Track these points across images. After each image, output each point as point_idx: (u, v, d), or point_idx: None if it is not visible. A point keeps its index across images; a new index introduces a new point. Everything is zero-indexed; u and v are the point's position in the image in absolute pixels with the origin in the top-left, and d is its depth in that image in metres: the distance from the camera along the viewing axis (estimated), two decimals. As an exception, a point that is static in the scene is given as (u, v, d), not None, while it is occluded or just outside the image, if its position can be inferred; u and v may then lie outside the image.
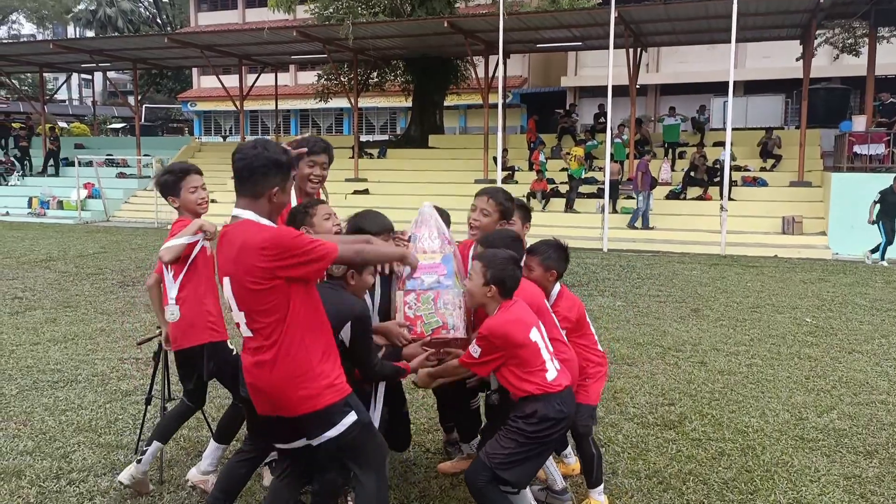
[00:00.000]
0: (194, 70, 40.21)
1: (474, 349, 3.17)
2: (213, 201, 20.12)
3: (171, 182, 3.84)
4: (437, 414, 4.46)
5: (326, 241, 2.75)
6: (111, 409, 5.18)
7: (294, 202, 3.50)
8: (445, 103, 27.47)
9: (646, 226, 17.13)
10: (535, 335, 3.13)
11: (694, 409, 5.26)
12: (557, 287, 3.68)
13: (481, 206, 3.68)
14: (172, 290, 3.72)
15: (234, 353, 3.76)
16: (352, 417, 2.78)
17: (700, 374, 6.19)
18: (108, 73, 32.44)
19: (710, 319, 8.43)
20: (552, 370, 3.15)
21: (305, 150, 3.59)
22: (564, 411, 3.13)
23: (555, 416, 3.09)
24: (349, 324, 2.99)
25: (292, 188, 3.07)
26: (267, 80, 29.15)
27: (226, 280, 2.75)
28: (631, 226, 17.22)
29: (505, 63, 19.10)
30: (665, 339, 7.41)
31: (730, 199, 16.15)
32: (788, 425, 4.94)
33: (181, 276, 3.73)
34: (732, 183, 17.35)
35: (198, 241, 3.74)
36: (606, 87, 17.12)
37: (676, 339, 7.45)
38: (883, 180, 15.98)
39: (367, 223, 3.41)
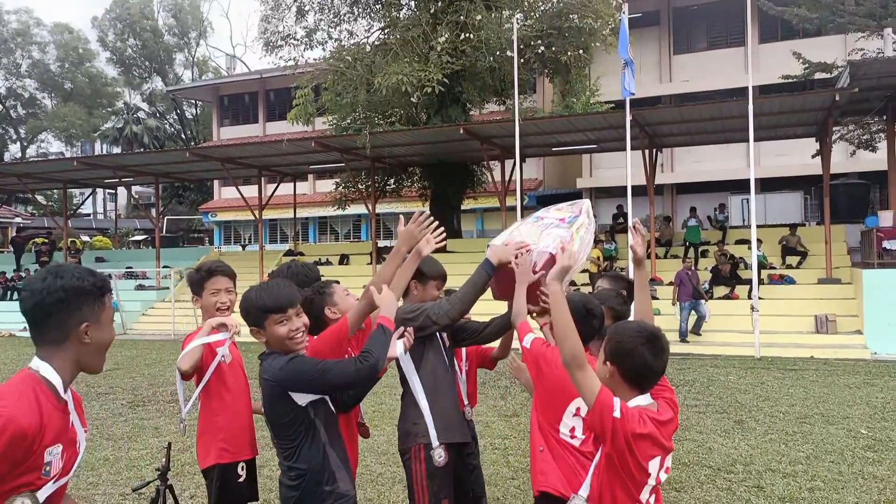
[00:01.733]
0: (215, 181, 41.13)
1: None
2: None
3: (197, 281, 3.70)
4: None
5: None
6: (107, 557, 4.67)
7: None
8: (462, 207, 27.60)
9: (682, 338, 16.01)
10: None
11: (759, 547, 4.66)
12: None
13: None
14: (185, 403, 3.50)
15: (242, 478, 3.42)
16: None
17: (759, 501, 5.59)
18: (131, 187, 33.23)
19: (758, 433, 7.81)
20: None
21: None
22: None
23: None
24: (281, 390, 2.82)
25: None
26: (286, 189, 29.60)
27: None
28: (682, 339, 16.06)
29: (521, 167, 19.21)
30: (713, 458, 6.81)
31: (759, 298, 15.66)
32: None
33: (199, 389, 3.48)
34: (760, 281, 16.89)
35: (221, 341, 3.47)
36: (621, 187, 17.10)
37: (725, 457, 6.85)
38: (918, 276, 15.52)
39: (426, 268, 3.58)
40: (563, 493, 2.98)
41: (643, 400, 2.55)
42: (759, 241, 18.02)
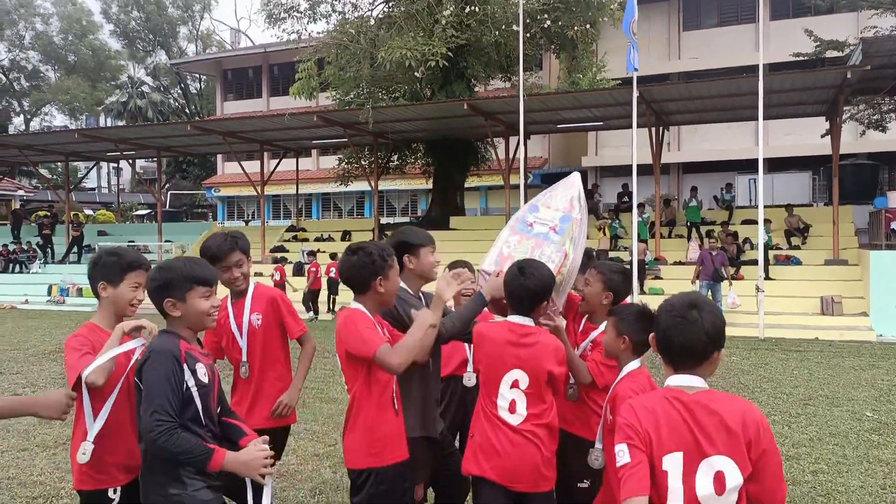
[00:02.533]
0: (219, 156, 40.91)
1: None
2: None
3: (117, 267, 3.00)
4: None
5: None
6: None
7: (229, 303, 3.72)
8: (466, 185, 27.37)
9: None
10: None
11: (760, 530, 4.53)
12: (636, 364, 3.00)
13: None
14: (94, 424, 2.79)
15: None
16: None
17: (760, 483, 5.45)
18: (136, 161, 33.04)
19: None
20: None
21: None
22: None
23: None
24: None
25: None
26: (289, 164, 29.40)
27: None
28: None
29: (525, 144, 18.96)
30: (713, 439, 6.66)
31: (765, 279, 15.48)
32: (876, 553, 4.20)
33: (109, 404, 2.81)
34: (766, 262, 16.68)
35: (135, 349, 2.82)
36: (627, 166, 16.81)
37: (726, 438, 6.70)
38: (926, 258, 15.31)
39: (413, 237, 3.49)
40: (481, 473, 3.04)
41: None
42: (768, 220, 17.81)
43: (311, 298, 18.31)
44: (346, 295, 19.15)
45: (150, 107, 53.02)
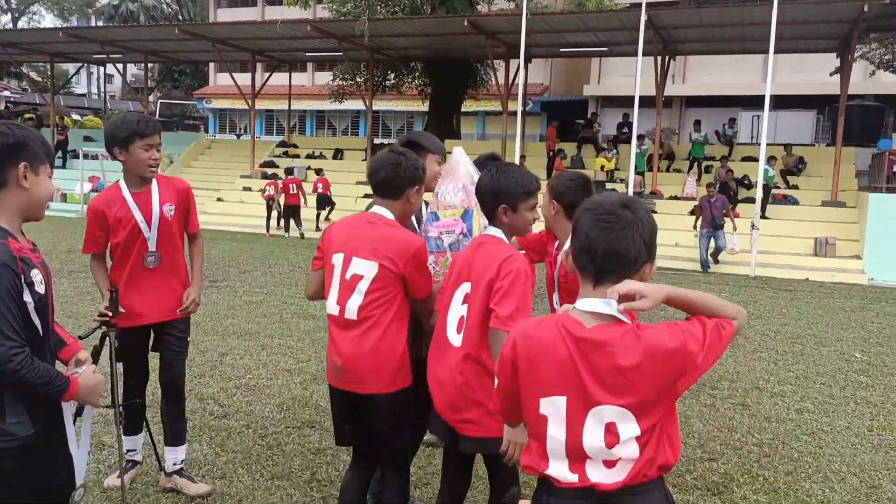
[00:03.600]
0: (211, 66, 39.69)
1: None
2: (219, 199, 19.33)
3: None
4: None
5: None
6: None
7: (127, 193, 3.56)
8: (463, 109, 26.66)
9: (704, 268, 14.85)
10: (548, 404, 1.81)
11: (741, 467, 4.37)
12: None
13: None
14: None
15: None
16: None
17: (743, 419, 5.29)
18: (127, 68, 31.99)
19: (747, 350, 7.51)
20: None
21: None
22: None
23: None
24: None
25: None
26: (283, 79, 28.52)
27: None
28: (704, 269, 14.87)
29: (526, 67, 18.31)
30: (698, 373, 6.49)
31: (761, 217, 15.19)
32: (860, 495, 4.04)
33: None
34: (764, 200, 16.36)
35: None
36: (629, 97, 16.32)
37: (710, 372, 6.53)
38: (926, 203, 15.03)
39: (425, 141, 3.36)
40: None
41: None
42: (773, 158, 17.37)
43: (290, 215, 17.93)
44: (336, 214, 18.84)
45: (142, 11, 51.25)
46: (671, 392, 1.72)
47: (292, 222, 18.02)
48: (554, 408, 1.74)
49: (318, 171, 19.40)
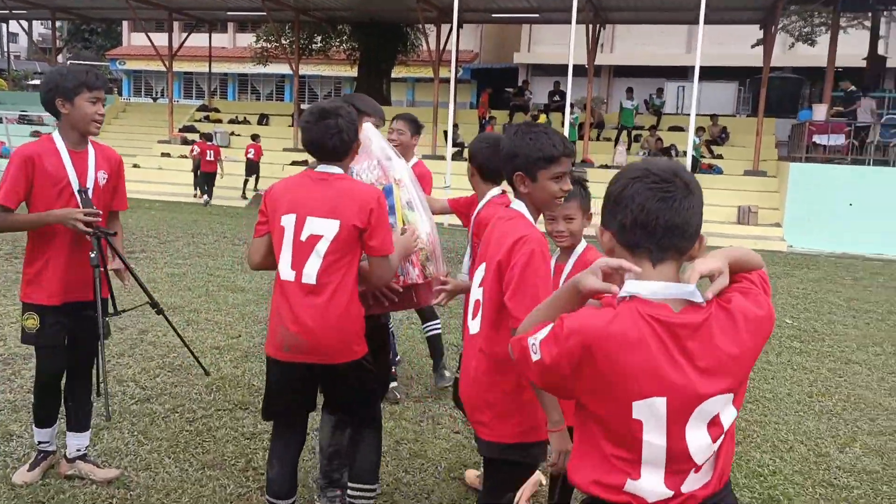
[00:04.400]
0: (125, 25, 37.65)
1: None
2: (135, 166, 18.25)
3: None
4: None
5: None
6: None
7: (64, 150, 3.17)
8: (393, 75, 26.12)
9: None
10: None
11: (691, 438, 4.30)
12: (496, 190, 3.15)
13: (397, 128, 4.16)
14: None
15: None
16: None
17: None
18: (33, 26, 29.89)
19: (684, 318, 7.53)
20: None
21: None
22: None
23: None
24: None
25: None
26: (202, 40, 27.21)
27: None
28: None
29: (458, 32, 17.94)
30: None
31: (689, 185, 15.42)
32: (809, 464, 4.02)
33: None
34: (692, 169, 16.65)
35: None
36: (559, 65, 16.27)
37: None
38: (843, 172, 15.57)
39: (361, 103, 3.25)
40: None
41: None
42: (701, 129, 17.69)
43: (204, 181, 17.33)
44: (264, 183, 18.16)
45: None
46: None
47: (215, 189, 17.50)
48: (651, 411, 1.46)
49: (254, 137, 18.69)
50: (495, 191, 3.08)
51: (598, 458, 1.53)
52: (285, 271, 2.65)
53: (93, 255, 3.20)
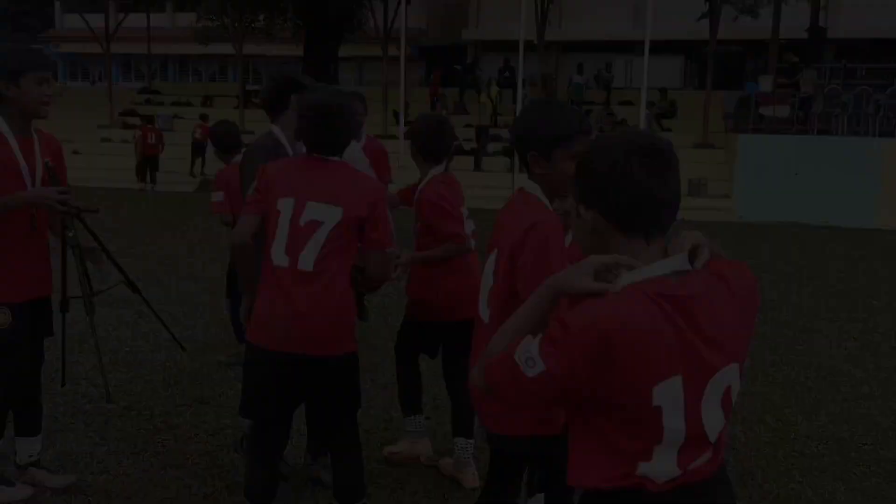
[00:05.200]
0: (57, 6, 36.08)
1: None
2: (75, 152, 17.54)
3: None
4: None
5: None
6: None
7: (10, 136, 2.89)
8: (340, 54, 25.64)
9: None
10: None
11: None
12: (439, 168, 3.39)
13: None
14: None
15: None
16: None
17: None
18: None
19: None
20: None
21: None
22: None
23: None
24: None
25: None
26: (140, 20, 26.23)
27: None
28: None
29: (406, 8, 17.67)
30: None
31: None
32: (779, 435, 4.06)
33: None
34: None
35: None
36: (507, 42, 16.14)
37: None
38: (789, 143, 15.90)
39: (304, 77, 3.36)
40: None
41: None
42: (652, 103, 17.86)
43: (147, 166, 16.88)
44: (213, 164, 17.70)
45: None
46: None
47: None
48: (670, 393, 1.36)
49: (203, 117, 18.27)
50: (437, 169, 3.22)
51: (608, 453, 1.42)
52: (278, 256, 2.50)
53: (70, 235, 3.08)
